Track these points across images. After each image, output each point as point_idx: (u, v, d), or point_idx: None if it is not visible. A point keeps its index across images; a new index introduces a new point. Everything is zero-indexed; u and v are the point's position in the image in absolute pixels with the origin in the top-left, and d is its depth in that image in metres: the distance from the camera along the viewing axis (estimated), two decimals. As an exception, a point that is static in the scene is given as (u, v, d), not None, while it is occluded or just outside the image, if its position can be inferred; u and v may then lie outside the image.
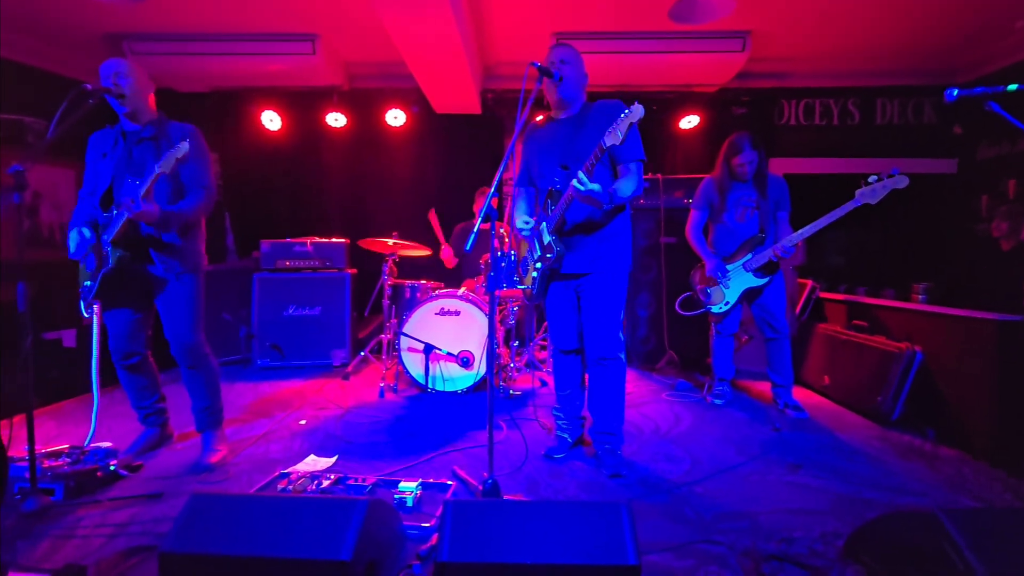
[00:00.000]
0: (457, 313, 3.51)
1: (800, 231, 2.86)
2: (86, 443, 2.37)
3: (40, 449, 2.19)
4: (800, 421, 3.02)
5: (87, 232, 2.24)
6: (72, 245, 2.25)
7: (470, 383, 3.51)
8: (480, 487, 1.98)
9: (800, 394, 3.44)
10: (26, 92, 3.81)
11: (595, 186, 2.03)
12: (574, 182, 2.02)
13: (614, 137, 1.96)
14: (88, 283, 2.29)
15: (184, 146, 2.06)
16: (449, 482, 2.14)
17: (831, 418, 3.09)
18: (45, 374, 3.54)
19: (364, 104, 4.90)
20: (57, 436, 2.78)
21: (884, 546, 1.57)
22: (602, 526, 1.37)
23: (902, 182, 2.57)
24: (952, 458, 2.52)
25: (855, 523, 1.79)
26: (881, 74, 4.69)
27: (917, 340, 2.92)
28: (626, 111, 1.93)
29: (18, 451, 2.19)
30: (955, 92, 1.77)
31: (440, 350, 3.47)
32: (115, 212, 2.22)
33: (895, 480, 2.27)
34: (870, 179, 2.64)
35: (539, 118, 2.47)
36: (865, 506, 2.02)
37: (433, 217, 4.34)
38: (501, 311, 3.70)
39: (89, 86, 2.09)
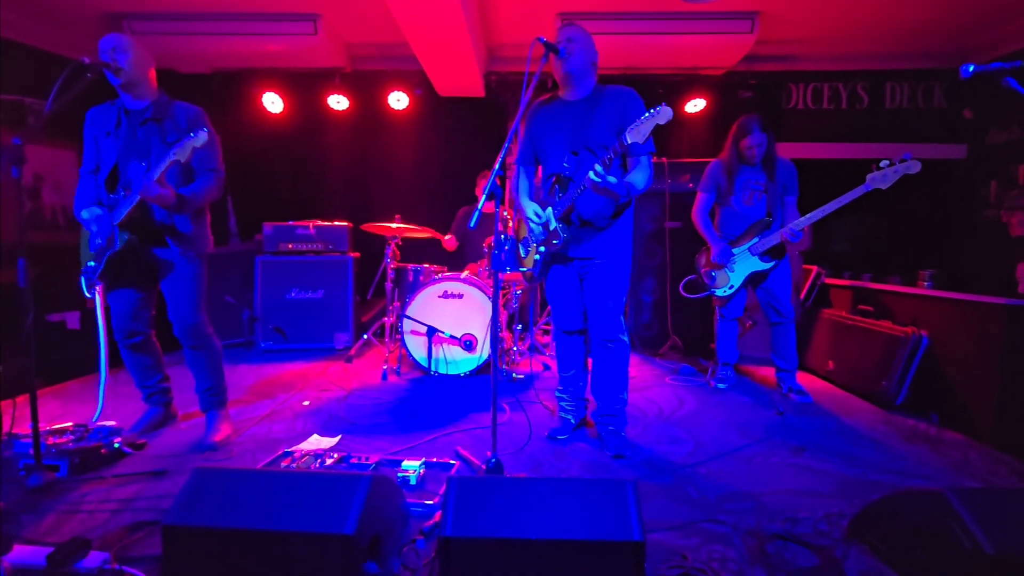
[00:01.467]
0: (460, 296, 3.50)
1: (809, 215, 2.82)
2: (92, 420, 2.38)
3: (45, 427, 2.20)
4: (804, 405, 3.01)
5: (101, 212, 2.22)
6: (93, 227, 2.22)
7: (473, 366, 3.51)
8: (483, 466, 1.97)
9: (804, 379, 3.42)
10: (26, 72, 3.78)
11: (612, 179, 1.99)
12: (591, 174, 1.98)
13: (637, 135, 1.93)
14: (92, 263, 2.27)
15: (203, 135, 2.04)
16: (452, 461, 2.15)
17: (835, 402, 3.08)
18: (49, 356, 3.54)
19: (366, 86, 4.85)
20: (62, 415, 2.78)
21: (890, 526, 1.56)
22: (607, 503, 1.36)
23: (914, 167, 2.53)
24: (957, 442, 2.51)
25: (860, 504, 1.78)
26: (891, 57, 4.61)
27: (923, 325, 2.90)
28: (654, 111, 1.90)
29: (22, 429, 2.20)
30: (971, 68, 1.73)
31: (443, 333, 3.47)
32: (123, 194, 2.20)
33: (900, 463, 2.26)
34: (881, 164, 2.60)
35: (545, 97, 2.43)
36: (870, 488, 2.01)
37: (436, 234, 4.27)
38: (504, 295, 3.69)
39: (87, 60, 2.05)
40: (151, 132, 2.25)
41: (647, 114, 1.92)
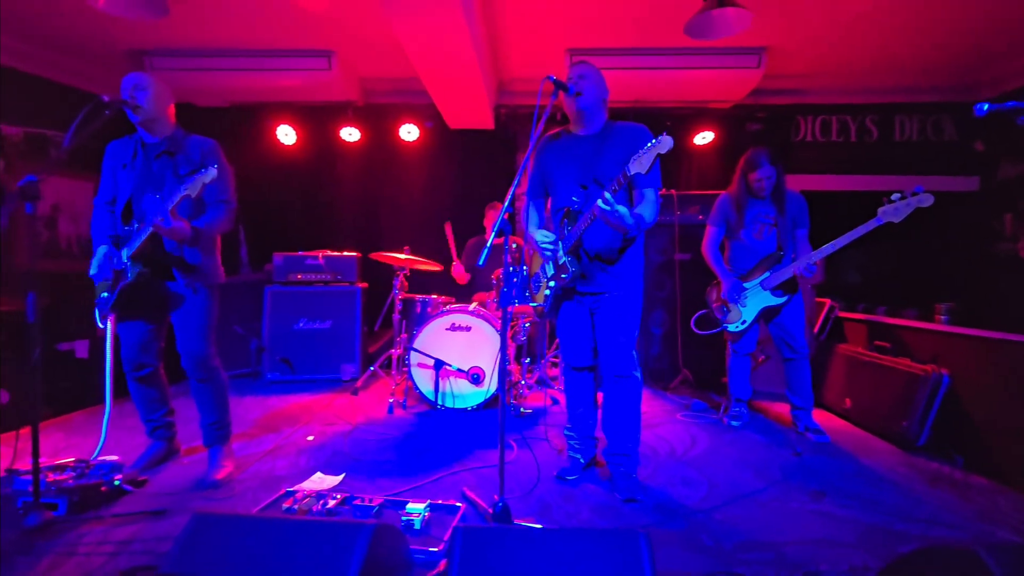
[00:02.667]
0: (468, 328, 3.47)
1: (821, 249, 2.78)
2: (94, 456, 2.35)
3: (46, 462, 2.17)
4: (821, 445, 2.92)
5: (115, 259, 2.24)
6: (95, 266, 2.26)
7: (480, 400, 3.45)
8: (490, 510, 1.91)
9: (820, 417, 3.33)
10: (50, 106, 3.88)
11: (622, 208, 1.98)
12: (599, 202, 1.96)
13: (639, 166, 1.93)
14: (105, 295, 2.28)
15: (212, 171, 2.07)
16: (458, 504, 2.08)
17: (854, 442, 2.98)
18: (57, 385, 3.54)
19: (378, 119, 4.93)
20: (65, 448, 2.76)
21: (919, 583, 1.47)
22: (619, 555, 1.30)
23: (926, 200, 2.50)
24: (984, 487, 2.40)
25: (885, 556, 1.70)
26: (900, 91, 4.62)
27: (943, 362, 2.82)
28: (654, 141, 1.89)
29: (24, 463, 2.17)
30: (985, 107, 1.72)
31: (450, 366, 3.43)
32: (136, 226, 2.23)
33: (925, 510, 2.16)
34: (893, 197, 2.57)
35: (555, 131, 2.44)
36: (895, 538, 1.92)
37: (448, 230, 4.31)
38: (512, 327, 3.65)
39: (106, 97, 2.10)
40: (165, 165, 2.29)
41: (649, 144, 1.91)
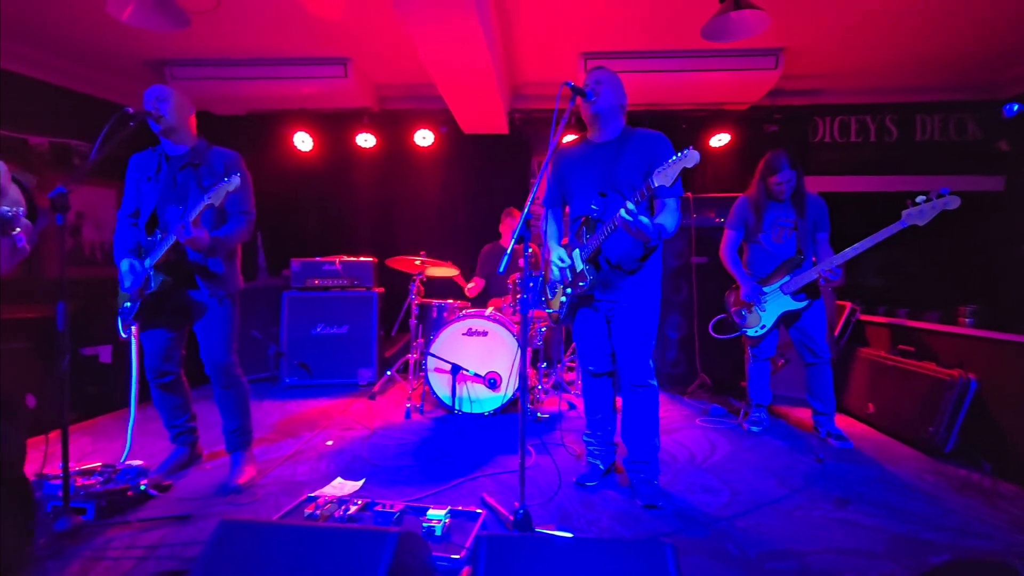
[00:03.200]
0: (484, 333, 3.47)
1: (844, 252, 2.74)
2: (120, 461, 2.39)
3: (74, 466, 2.21)
4: (844, 451, 2.87)
5: (138, 265, 2.28)
6: (127, 280, 2.29)
7: (497, 405, 3.45)
8: (511, 517, 1.91)
9: (842, 422, 3.28)
10: (72, 116, 3.97)
11: (645, 219, 1.95)
12: (622, 212, 1.94)
13: (664, 179, 1.91)
14: (128, 304, 2.32)
15: (236, 180, 2.09)
16: (478, 510, 2.08)
17: (878, 449, 2.93)
18: (82, 390, 3.61)
19: (393, 125, 4.97)
20: (92, 452, 2.81)
21: (952, 596, 1.44)
22: (645, 566, 1.29)
23: (953, 203, 2.45)
24: (1014, 495, 2.35)
25: (914, 568, 1.67)
26: (920, 90, 4.54)
27: (972, 367, 2.76)
28: (680, 155, 1.88)
29: (53, 468, 2.22)
30: (1016, 107, 1.68)
31: (467, 371, 3.43)
32: (159, 236, 2.26)
33: (954, 519, 2.11)
34: (918, 199, 2.52)
35: (571, 138, 2.44)
36: (924, 548, 1.88)
37: (459, 279, 4.30)
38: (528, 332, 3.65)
39: (130, 109, 2.14)
40: (188, 177, 2.32)
41: (675, 157, 1.90)
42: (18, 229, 0.55)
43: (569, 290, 2.32)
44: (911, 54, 3.95)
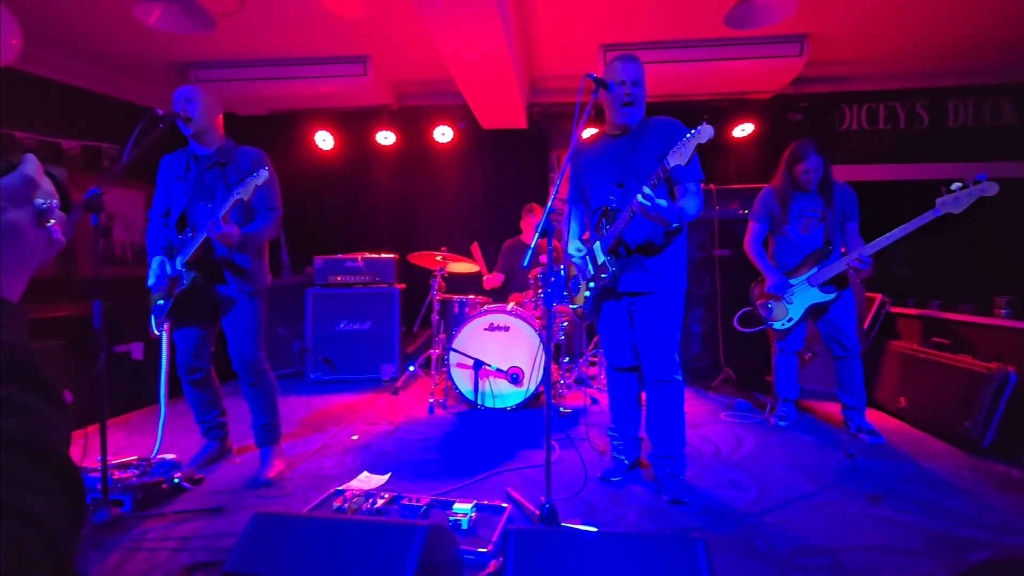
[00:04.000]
0: (506, 329, 3.47)
1: (875, 242, 2.67)
2: (153, 455, 2.45)
3: (111, 459, 2.28)
4: (876, 447, 2.80)
5: (169, 267, 2.34)
6: (152, 277, 2.35)
7: (520, 400, 3.45)
8: (537, 512, 1.91)
9: (873, 416, 3.20)
10: (101, 119, 4.07)
11: (662, 201, 1.92)
12: (639, 196, 1.93)
13: (679, 158, 1.89)
14: (161, 302, 2.38)
15: (264, 173, 2.14)
16: (504, 504, 2.09)
17: (911, 444, 2.86)
18: (115, 386, 3.71)
19: (412, 121, 4.99)
20: (127, 447, 2.89)
21: (995, 595, 1.40)
22: (675, 562, 1.28)
23: (991, 189, 2.37)
24: (1058, 492, 2.27)
25: (954, 566, 1.62)
26: (951, 74, 4.39)
27: (1011, 360, 2.67)
28: (694, 131, 1.86)
29: (91, 461, 2.29)
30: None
31: (489, 366, 3.44)
32: (190, 235, 2.31)
33: (994, 516, 2.05)
34: (953, 186, 2.44)
35: (588, 134, 2.41)
36: (963, 546, 1.83)
37: (476, 250, 4.29)
38: (550, 326, 3.63)
39: (160, 111, 2.18)
40: (216, 176, 2.37)
41: (688, 135, 1.88)
42: (53, 221, 0.56)
43: (592, 284, 2.30)
44: (941, 37, 3.81)
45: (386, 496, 2.11)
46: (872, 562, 1.74)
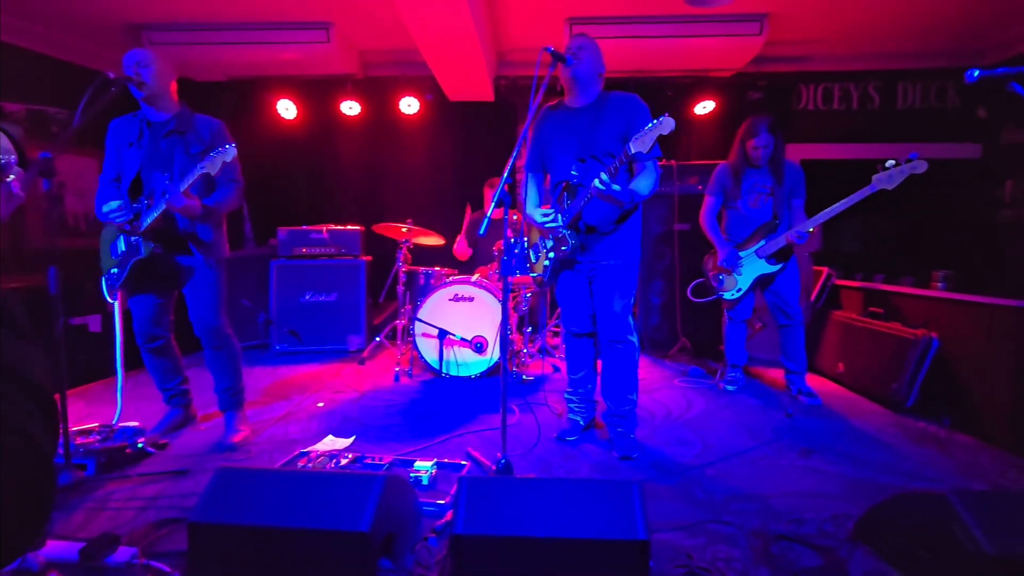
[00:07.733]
0: (471, 299, 3.55)
1: (814, 217, 2.84)
2: (114, 421, 2.46)
3: (72, 427, 2.29)
4: (813, 407, 3.02)
5: (123, 243, 2.30)
6: (117, 215, 2.23)
7: (483, 368, 3.56)
8: (493, 467, 2.02)
9: (814, 381, 3.43)
10: (47, 82, 3.89)
11: (617, 187, 2.06)
12: (596, 182, 2.04)
13: (641, 145, 1.98)
14: (115, 270, 2.36)
15: (232, 150, 2.14)
16: (463, 462, 2.19)
17: (845, 405, 3.09)
18: (73, 358, 3.64)
19: (378, 92, 4.92)
20: (87, 416, 2.88)
21: (893, 527, 1.58)
22: (613, 503, 1.40)
23: (920, 167, 2.54)
24: (968, 445, 2.51)
25: (867, 506, 1.80)
26: (903, 56, 4.58)
27: (936, 327, 2.89)
28: (656, 122, 1.95)
29: (51, 429, 2.29)
30: (976, 73, 1.74)
31: (454, 335, 3.52)
32: (145, 203, 2.28)
33: (908, 465, 2.27)
34: (887, 164, 2.61)
35: (552, 103, 2.47)
36: (878, 490, 2.02)
37: (468, 211, 4.32)
38: (514, 298, 3.73)
39: (112, 75, 2.13)
40: (174, 144, 2.33)
41: (650, 125, 1.97)
42: (12, 176, 0.60)
43: (552, 254, 2.39)
44: (895, 20, 3.97)
45: (349, 456, 2.19)
46: (797, 505, 1.92)
